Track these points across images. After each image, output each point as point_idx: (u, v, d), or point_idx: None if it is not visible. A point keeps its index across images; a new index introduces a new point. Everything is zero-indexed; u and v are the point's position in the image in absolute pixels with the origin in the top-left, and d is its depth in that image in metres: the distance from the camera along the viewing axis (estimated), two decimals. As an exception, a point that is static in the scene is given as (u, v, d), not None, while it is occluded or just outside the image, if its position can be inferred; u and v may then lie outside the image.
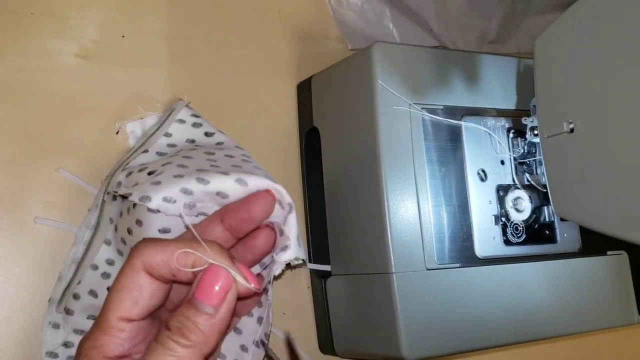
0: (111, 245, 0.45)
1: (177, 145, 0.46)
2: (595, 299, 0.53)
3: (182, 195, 0.38)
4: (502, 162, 0.51)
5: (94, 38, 0.49)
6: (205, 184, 0.39)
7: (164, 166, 0.41)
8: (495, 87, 0.52)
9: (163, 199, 0.38)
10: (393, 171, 0.46)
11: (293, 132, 0.56)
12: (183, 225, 0.40)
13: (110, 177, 0.44)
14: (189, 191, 0.39)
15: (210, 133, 0.47)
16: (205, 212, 0.40)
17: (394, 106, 0.47)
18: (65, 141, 0.47)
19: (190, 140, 0.47)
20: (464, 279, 0.47)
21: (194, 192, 0.39)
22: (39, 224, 0.45)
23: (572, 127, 0.44)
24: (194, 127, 0.47)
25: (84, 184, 0.47)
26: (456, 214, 0.48)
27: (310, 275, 0.54)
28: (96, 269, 0.44)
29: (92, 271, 0.44)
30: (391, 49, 0.48)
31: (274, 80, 0.56)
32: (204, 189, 0.39)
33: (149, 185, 0.39)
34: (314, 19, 0.59)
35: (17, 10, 0.47)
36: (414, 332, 0.44)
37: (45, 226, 0.45)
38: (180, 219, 0.39)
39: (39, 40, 0.47)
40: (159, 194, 0.38)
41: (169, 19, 0.52)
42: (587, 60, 0.42)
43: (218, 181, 0.39)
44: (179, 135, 0.47)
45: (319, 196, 0.52)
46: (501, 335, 0.48)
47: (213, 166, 0.41)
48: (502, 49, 0.67)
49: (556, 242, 0.53)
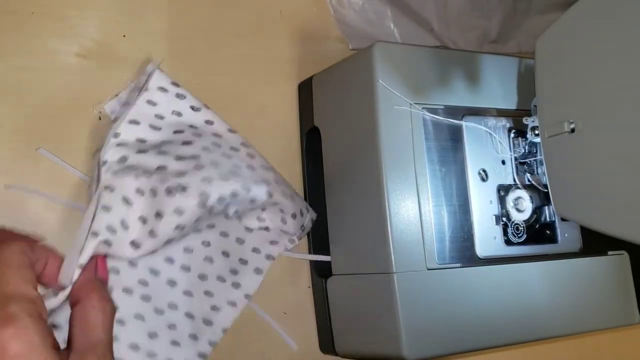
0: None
1: (165, 117, 0.46)
2: (596, 299, 0.53)
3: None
4: (503, 162, 0.51)
5: (95, 38, 0.49)
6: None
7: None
8: (496, 87, 0.52)
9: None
10: (394, 171, 0.46)
11: (294, 132, 0.56)
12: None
13: (102, 148, 0.43)
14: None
15: (196, 108, 0.47)
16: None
17: (395, 106, 0.47)
18: (66, 140, 0.47)
19: (177, 113, 0.46)
20: (464, 278, 0.47)
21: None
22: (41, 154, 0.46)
23: (573, 127, 0.44)
24: (178, 99, 0.47)
25: (64, 164, 0.46)
26: (457, 214, 0.48)
27: (311, 275, 0.54)
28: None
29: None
30: (392, 49, 0.48)
31: (274, 80, 0.56)
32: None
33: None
34: (314, 19, 0.59)
35: (18, 10, 0.47)
36: (415, 332, 0.44)
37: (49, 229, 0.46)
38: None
39: (39, 40, 0.47)
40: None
41: (170, 19, 0.52)
42: (588, 60, 0.42)
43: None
44: (165, 106, 0.46)
45: (319, 196, 0.52)
46: (502, 335, 0.48)
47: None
48: (503, 48, 0.67)
49: (557, 242, 0.53)
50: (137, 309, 0.43)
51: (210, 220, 0.46)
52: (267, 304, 0.51)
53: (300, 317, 0.53)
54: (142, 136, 0.45)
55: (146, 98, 0.46)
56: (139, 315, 0.43)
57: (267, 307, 0.51)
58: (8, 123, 0.45)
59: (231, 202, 0.44)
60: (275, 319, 0.52)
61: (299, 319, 0.53)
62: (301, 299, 0.54)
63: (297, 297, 0.54)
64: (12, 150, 0.45)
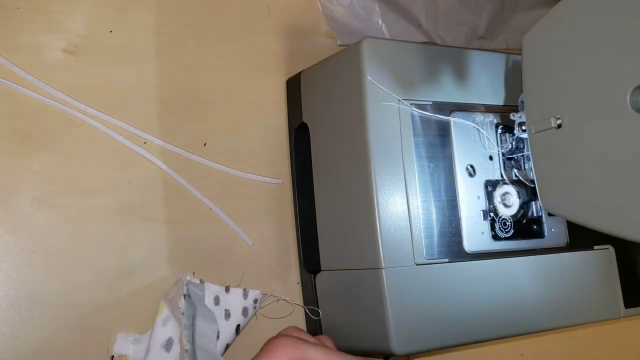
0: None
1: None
2: (583, 293, 0.53)
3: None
4: (491, 157, 0.52)
5: (82, 33, 0.49)
6: None
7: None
8: (484, 83, 0.52)
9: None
10: (382, 167, 0.46)
11: (282, 128, 0.56)
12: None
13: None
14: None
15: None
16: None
17: (383, 102, 0.47)
18: (53, 137, 0.47)
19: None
20: (452, 273, 0.47)
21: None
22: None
23: (560, 122, 0.44)
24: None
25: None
26: (445, 209, 0.48)
27: (300, 271, 0.54)
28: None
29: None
30: (380, 45, 0.48)
31: (263, 76, 0.56)
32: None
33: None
34: (303, 14, 0.59)
35: (3, 5, 0.46)
36: (404, 327, 0.45)
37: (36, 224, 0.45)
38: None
39: (25, 35, 0.47)
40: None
41: (157, 14, 0.52)
42: (575, 56, 0.43)
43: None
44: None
45: (308, 191, 0.52)
46: (490, 330, 0.48)
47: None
48: (491, 44, 0.67)
49: (544, 237, 0.53)
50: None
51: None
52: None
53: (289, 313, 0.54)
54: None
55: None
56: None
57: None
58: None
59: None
60: (266, 311, 0.52)
61: (288, 315, 0.53)
62: (290, 294, 0.54)
63: (286, 293, 0.54)
64: (0, 145, 0.45)
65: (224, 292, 0.49)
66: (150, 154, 0.50)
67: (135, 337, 0.47)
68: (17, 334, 0.44)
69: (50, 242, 0.46)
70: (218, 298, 0.49)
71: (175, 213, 0.50)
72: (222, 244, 0.52)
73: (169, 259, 0.50)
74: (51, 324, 0.45)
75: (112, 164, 0.49)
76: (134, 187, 0.49)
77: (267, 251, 0.54)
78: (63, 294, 0.46)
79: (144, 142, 0.50)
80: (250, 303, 0.50)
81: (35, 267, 0.45)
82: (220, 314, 0.48)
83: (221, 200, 0.52)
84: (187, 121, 0.52)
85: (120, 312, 0.47)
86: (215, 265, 0.51)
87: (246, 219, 0.53)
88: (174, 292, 0.47)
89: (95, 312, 0.47)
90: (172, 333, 0.46)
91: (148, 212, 0.49)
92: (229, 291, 0.49)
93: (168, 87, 0.52)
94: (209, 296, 0.48)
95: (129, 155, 0.49)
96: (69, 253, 0.46)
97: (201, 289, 0.48)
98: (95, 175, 0.48)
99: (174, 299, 0.46)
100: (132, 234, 0.49)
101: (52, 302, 0.45)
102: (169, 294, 0.47)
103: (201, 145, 0.52)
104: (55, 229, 0.46)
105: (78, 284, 0.46)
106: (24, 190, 0.46)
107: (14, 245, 0.45)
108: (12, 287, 0.45)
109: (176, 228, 0.50)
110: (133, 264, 0.48)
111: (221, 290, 0.49)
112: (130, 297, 0.48)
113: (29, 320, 0.45)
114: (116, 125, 0.49)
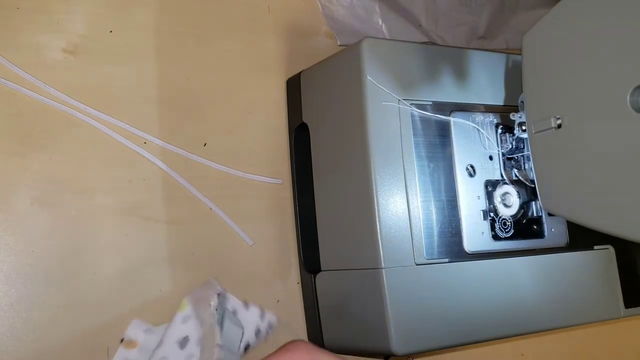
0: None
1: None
2: (583, 293, 0.53)
3: None
4: (491, 157, 0.52)
5: (82, 33, 0.49)
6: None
7: None
8: (484, 83, 0.52)
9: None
10: (382, 167, 0.46)
11: (282, 128, 0.56)
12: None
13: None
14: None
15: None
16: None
17: (383, 102, 0.47)
18: (53, 137, 0.47)
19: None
20: (452, 273, 0.47)
21: None
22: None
23: (560, 122, 0.44)
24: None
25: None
26: (445, 209, 0.48)
27: (300, 271, 0.54)
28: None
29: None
30: (380, 45, 0.48)
31: (263, 76, 0.56)
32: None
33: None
34: (303, 15, 0.59)
35: (3, 5, 0.46)
36: (404, 327, 0.45)
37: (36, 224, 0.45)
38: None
39: (25, 35, 0.47)
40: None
41: (157, 14, 0.52)
42: (575, 56, 0.43)
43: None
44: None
45: (308, 191, 0.52)
46: (490, 330, 0.48)
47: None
48: (491, 44, 0.67)
49: (544, 237, 0.53)
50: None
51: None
52: (256, 300, 0.51)
53: (289, 313, 0.54)
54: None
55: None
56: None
57: (256, 302, 0.51)
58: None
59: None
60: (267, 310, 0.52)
61: (288, 315, 0.53)
62: (290, 294, 0.54)
63: (286, 293, 0.54)
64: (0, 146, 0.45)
65: (243, 308, 0.49)
66: (151, 154, 0.50)
67: (148, 327, 0.47)
68: (17, 334, 0.44)
69: (50, 242, 0.46)
70: (236, 312, 0.48)
71: (175, 213, 0.50)
72: (222, 244, 0.52)
73: (169, 259, 0.50)
74: (51, 324, 0.45)
75: (112, 164, 0.49)
76: (134, 187, 0.49)
77: (267, 251, 0.54)
78: (63, 294, 0.46)
79: (144, 142, 0.50)
80: (265, 326, 0.50)
81: (35, 267, 0.45)
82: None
83: (221, 200, 0.52)
84: (187, 121, 0.52)
85: (121, 312, 0.47)
86: (215, 265, 0.51)
87: (246, 219, 0.53)
88: (202, 293, 0.47)
89: (95, 312, 0.47)
90: (190, 332, 0.46)
91: (148, 212, 0.49)
92: (248, 308, 0.49)
93: (168, 87, 0.52)
94: (229, 308, 0.48)
95: (129, 155, 0.49)
96: (69, 253, 0.46)
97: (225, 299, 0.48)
98: (95, 175, 0.48)
99: (200, 299, 0.46)
100: (132, 234, 0.49)
101: (52, 302, 0.45)
102: (196, 293, 0.47)
103: (201, 145, 0.52)
104: (55, 229, 0.46)
105: (78, 284, 0.46)
106: (24, 190, 0.46)
107: (14, 245, 0.45)
108: (12, 287, 0.45)
109: (176, 228, 0.50)
110: (133, 264, 0.48)
111: (240, 306, 0.49)
112: (130, 297, 0.48)
113: (29, 320, 0.45)
114: (116, 125, 0.49)
